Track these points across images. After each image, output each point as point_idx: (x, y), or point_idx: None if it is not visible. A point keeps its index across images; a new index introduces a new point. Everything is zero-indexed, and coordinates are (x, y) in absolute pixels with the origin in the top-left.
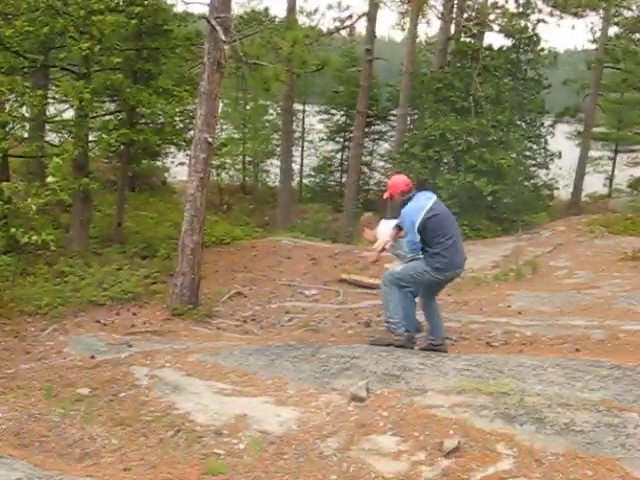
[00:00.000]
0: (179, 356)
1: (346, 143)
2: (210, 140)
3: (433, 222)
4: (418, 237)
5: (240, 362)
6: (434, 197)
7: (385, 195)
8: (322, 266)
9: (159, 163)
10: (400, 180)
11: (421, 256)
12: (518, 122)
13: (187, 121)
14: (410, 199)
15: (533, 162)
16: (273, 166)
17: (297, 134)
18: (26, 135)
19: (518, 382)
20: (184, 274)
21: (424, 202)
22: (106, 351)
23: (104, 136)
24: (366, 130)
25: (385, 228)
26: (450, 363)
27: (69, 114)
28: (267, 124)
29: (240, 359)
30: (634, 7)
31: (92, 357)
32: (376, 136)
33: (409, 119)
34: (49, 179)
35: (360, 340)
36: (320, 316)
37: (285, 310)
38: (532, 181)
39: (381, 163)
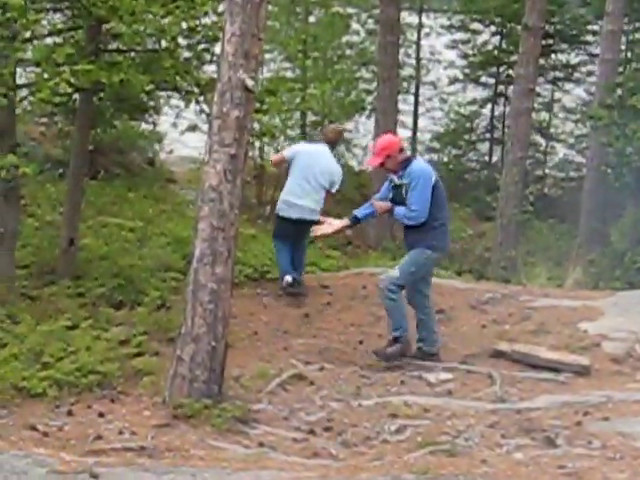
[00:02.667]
0: None
1: (501, 88)
2: (250, 84)
3: (440, 189)
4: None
5: None
6: None
7: (376, 161)
8: (458, 324)
9: (144, 127)
10: (393, 137)
11: None
12: None
13: (203, 47)
14: (411, 158)
15: None
16: (360, 133)
17: (407, 70)
18: None
19: None
20: (197, 339)
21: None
22: None
23: (46, 75)
24: (541, 63)
25: None
26: None
27: None
28: (349, 52)
29: None
30: None
31: None
32: (560, 74)
33: (625, 40)
34: None
35: (540, 472)
36: (458, 424)
37: (390, 411)
38: None
39: (569, 125)
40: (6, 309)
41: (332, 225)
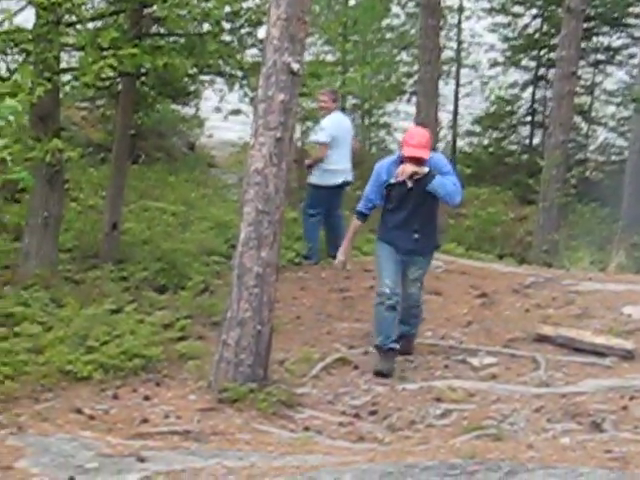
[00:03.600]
0: None
1: (542, 71)
2: (296, 67)
3: None
4: None
5: None
6: None
7: (428, 154)
8: (501, 309)
9: (186, 110)
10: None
11: None
12: None
13: (246, 30)
14: None
15: None
16: (399, 116)
17: (448, 54)
18: None
19: None
20: (242, 323)
21: None
22: (96, 469)
23: (90, 59)
24: (583, 46)
25: None
26: None
27: (24, 18)
28: (390, 35)
29: None
30: None
31: None
32: (602, 57)
33: None
34: None
35: (587, 457)
36: (503, 408)
37: (434, 395)
38: None
39: (611, 108)
40: (50, 293)
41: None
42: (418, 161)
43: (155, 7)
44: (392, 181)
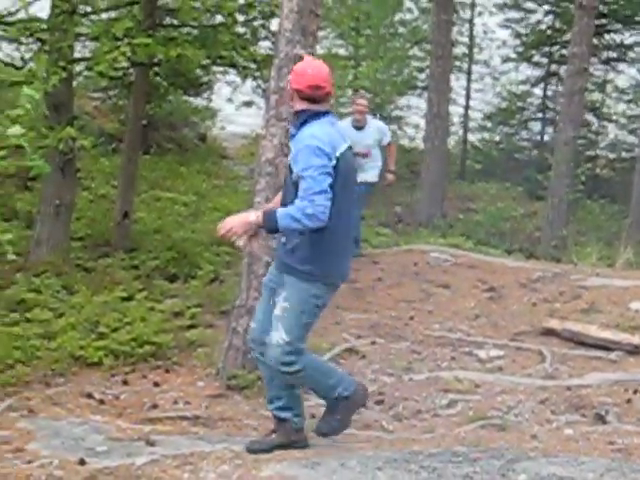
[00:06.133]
0: (243, 467)
1: (554, 67)
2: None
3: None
4: None
5: None
6: None
7: None
8: (508, 303)
9: (199, 101)
10: None
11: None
12: None
13: (259, 23)
14: None
15: None
16: (411, 111)
17: (459, 49)
18: None
19: None
20: (251, 311)
21: None
22: (106, 452)
23: (104, 49)
24: (595, 43)
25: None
26: None
27: (39, 7)
28: (402, 29)
29: (360, 477)
30: None
31: (81, 462)
32: (613, 54)
33: None
34: (11, 129)
35: (590, 448)
36: (509, 399)
37: (441, 386)
38: None
39: (621, 106)
40: (62, 280)
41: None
42: None
43: None
44: None
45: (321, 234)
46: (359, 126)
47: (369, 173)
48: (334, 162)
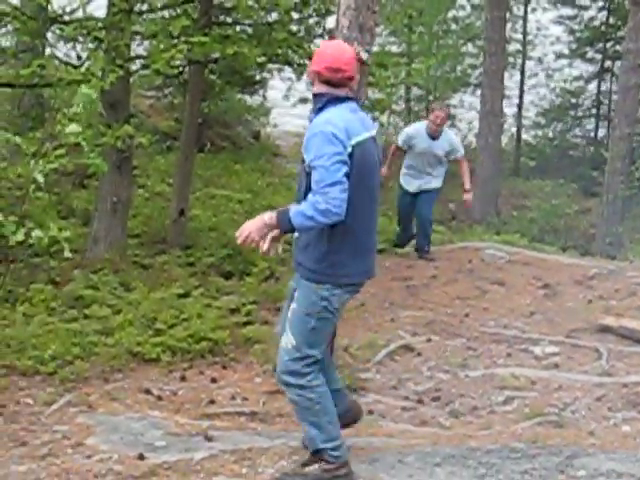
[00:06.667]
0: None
1: (608, 64)
2: (365, 57)
3: None
4: None
5: (419, 479)
6: None
7: None
8: (563, 300)
9: (254, 99)
10: None
11: None
12: None
13: (314, 20)
14: None
15: None
16: (464, 108)
17: (513, 46)
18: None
19: None
20: None
21: None
22: (165, 447)
23: (161, 47)
24: None
25: None
26: None
27: (96, 5)
28: (455, 26)
29: (418, 473)
30: None
31: (140, 457)
32: None
33: None
34: (69, 128)
35: None
36: (565, 396)
37: (497, 383)
38: None
39: None
40: (119, 277)
41: None
42: None
43: None
44: None
45: (334, 230)
46: (433, 136)
47: (432, 183)
48: (349, 150)
